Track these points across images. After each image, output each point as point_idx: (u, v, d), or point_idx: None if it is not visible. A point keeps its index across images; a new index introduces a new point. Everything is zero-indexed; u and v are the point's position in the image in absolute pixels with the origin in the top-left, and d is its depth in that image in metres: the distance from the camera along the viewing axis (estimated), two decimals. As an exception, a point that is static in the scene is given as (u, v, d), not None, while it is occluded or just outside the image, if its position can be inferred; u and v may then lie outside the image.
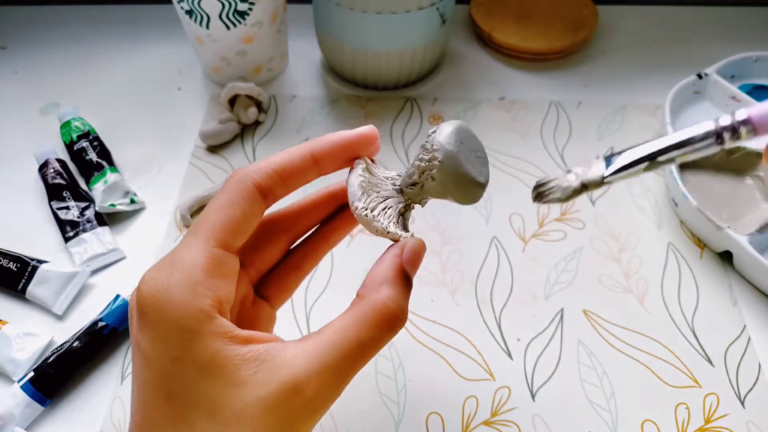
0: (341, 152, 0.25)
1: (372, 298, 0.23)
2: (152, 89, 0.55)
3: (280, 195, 0.25)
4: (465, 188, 0.24)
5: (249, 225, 0.24)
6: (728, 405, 0.35)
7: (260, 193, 0.23)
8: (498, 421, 0.35)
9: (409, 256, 0.24)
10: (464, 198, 0.25)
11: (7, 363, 0.36)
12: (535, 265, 0.41)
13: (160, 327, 0.21)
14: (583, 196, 0.45)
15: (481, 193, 0.25)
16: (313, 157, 0.24)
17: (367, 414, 0.35)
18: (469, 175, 0.24)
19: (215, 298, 0.22)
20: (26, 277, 0.40)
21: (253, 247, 0.27)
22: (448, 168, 0.24)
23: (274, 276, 0.28)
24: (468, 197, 0.25)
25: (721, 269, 0.41)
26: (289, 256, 0.29)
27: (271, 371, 0.21)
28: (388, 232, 0.24)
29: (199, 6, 0.46)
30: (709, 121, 0.22)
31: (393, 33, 0.47)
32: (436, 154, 0.24)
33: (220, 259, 0.22)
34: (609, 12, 0.60)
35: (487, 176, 0.25)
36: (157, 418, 0.21)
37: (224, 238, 0.23)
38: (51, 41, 0.59)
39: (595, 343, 0.38)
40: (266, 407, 0.20)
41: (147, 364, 0.21)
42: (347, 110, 0.52)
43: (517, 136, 0.50)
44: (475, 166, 0.24)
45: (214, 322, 0.21)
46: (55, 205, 0.44)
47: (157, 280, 0.21)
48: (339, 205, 0.29)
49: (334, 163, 0.25)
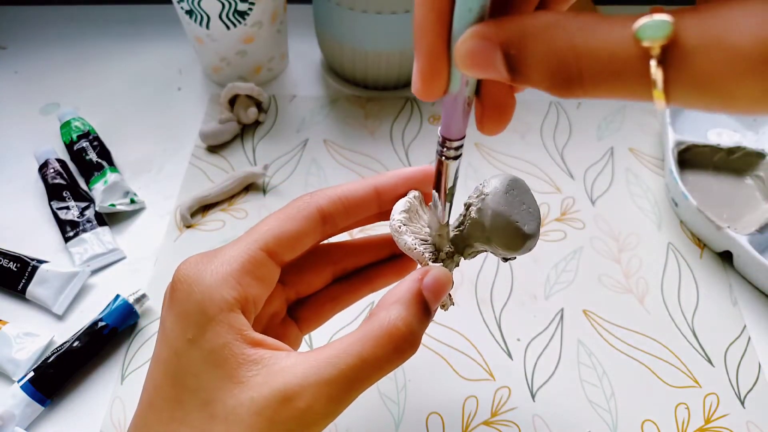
0: (403, 186, 0.26)
1: (381, 317, 0.22)
2: (152, 89, 0.55)
3: (341, 223, 0.25)
4: (505, 232, 0.23)
5: (301, 242, 0.24)
6: (728, 405, 0.35)
7: (320, 216, 0.24)
8: (498, 421, 0.35)
9: (431, 283, 0.22)
10: (505, 244, 0.23)
11: (7, 363, 0.36)
12: (535, 265, 0.41)
13: (184, 306, 0.22)
14: (584, 196, 0.45)
15: (527, 244, 0.23)
16: (376, 189, 0.25)
17: (367, 414, 0.35)
18: (510, 218, 0.23)
19: (242, 293, 0.22)
20: (26, 277, 0.40)
21: (298, 268, 0.28)
22: (490, 205, 0.23)
23: (310, 302, 0.29)
24: (510, 245, 0.23)
25: (721, 269, 0.41)
26: (329, 286, 0.29)
27: (269, 376, 0.21)
28: (415, 249, 0.24)
29: (199, 6, 0.46)
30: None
31: (393, 33, 0.47)
32: (482, 196, 0.23)
33: (261, 262, 0.23)
34: (609, 12, 0.60)
35: (533, 229, 0.24)
36: (159, 401, 0.22)
37: (272, 246, 0.23)
38: (51, 41, 0.59)
39: (595, 343, 0.38)
40: (256, 410, 0.20)
41: (165, 342, 0.22)
42: (347, 110, 0.52)
43: (517, 136, 0.50)
44: (521, 215, 0.23)
45: (232, 315, 0.21)
46: (55, 205, 0.44)
47: (196, 263, 0.22)
48: (391, 253, 0.29)
49: (395, 196, 0.26)
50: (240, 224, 0.44)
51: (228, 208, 0.45)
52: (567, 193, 0.46)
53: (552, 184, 0.46)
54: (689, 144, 0.45)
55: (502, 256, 0.24)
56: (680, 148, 0.44)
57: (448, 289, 0.23)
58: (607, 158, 0.48)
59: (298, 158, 0.48)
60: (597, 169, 0.47)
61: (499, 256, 0.25)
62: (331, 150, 0.49)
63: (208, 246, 0.43)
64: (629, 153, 0.48)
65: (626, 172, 0.47)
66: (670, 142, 0.44)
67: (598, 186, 0.46)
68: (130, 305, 0.38)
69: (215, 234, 0.44)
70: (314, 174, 0.47)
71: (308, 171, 0.48)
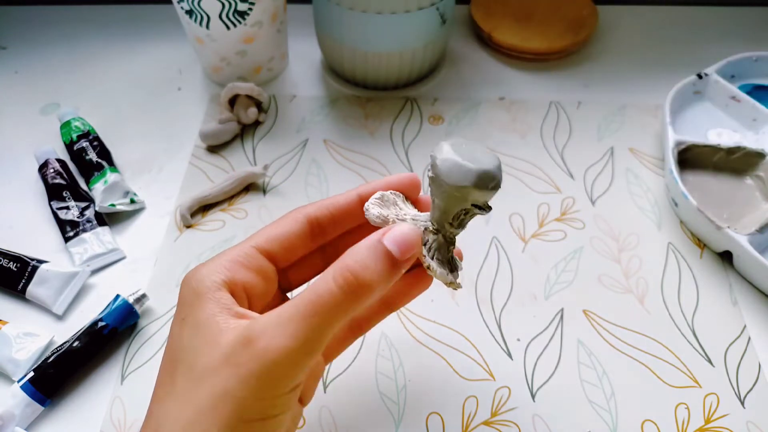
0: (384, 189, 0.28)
1: (339, 261, 0.22)
2: (152, 89, 0.55)
3: (330, 231, 0.28)
4: (453, 170, 0.23)
5: (289, 240, 0.27)
6: (728, 405, 0.35)
7: (307, 220, 0.27)
8: (498, 421, 0.35)
9: (396, 235, 0.23)
10: (458, 181, 0.23)
11: (7, 363, 0.36)
12: (535, 265, 0.41)
13: (182, 294, 0.24)
14: (584, 196, 0.45)
15: (479, 176, 0.23)
16: (359, 196, 0.27)
17: (367, 414, 0.35)
18: (457, 160, 0.23)
19: (231, 277, 0.24)
20: (26, 277, 0.40)
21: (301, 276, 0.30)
22: (438, 157, 0.23)
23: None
24: (462, 180, 0.23)
25: (721, 269, 0.41)
26: None
27: (238, 329, 0.22)
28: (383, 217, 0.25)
29: (199, 6, 0.46)
30: None
31: (393, 33, 0.47)
32: (433, 157, 0.24)
33: (250, 255, 0.26)
34: (609, 12, 0.60)
35: (485, 163, 0.23)
36: (159, 380, 0.24)
37: (262, 243, 0.26)
38: (51, 41, 0.59)
39: (595, 343, 0.38)
40: (224, 359, 0.21)
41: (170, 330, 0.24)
42: (347, 110, 0.52)
43: (517, 136, 0.50)
44: (469, 156, 0.23)
45: (220, 293, 0.24)
46: (55, 205, 0.44)
47: (201, 263, 0.25)
48: None
49: None
50: (240, 224, 0.44)
51: (228, 208, 0.45)
52: (567, 193, 0.46)
53: (552, 184, 0.46)
54: (689, 144, 0.45)
55: (473, 203, 0.24)
56: (680, 148, 0.44)
57: (412, 240, 0.23)
58: (607, 158, 0.48)
59: (298, 158, 0.48)
60: (597, 169, 0.47)
61: (475, 212, 0.25)
62: (331, 150, 0.49)
63: (208, 246, 0.43)
64: (629, 153, 0.48)
65: (626, 172, 0.47)
66: (670, 142, 0.44)
67: (598, 186, 0.46)
68: (130, 305, 0.38)
69: (215, 234, 0.44)
70: (314, 174, 0.47)
71: (308, 171, 0.48)
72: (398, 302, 0.30)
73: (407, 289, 0.29)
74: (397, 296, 0.29)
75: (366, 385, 0.36)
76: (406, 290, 0.29)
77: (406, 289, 0.29)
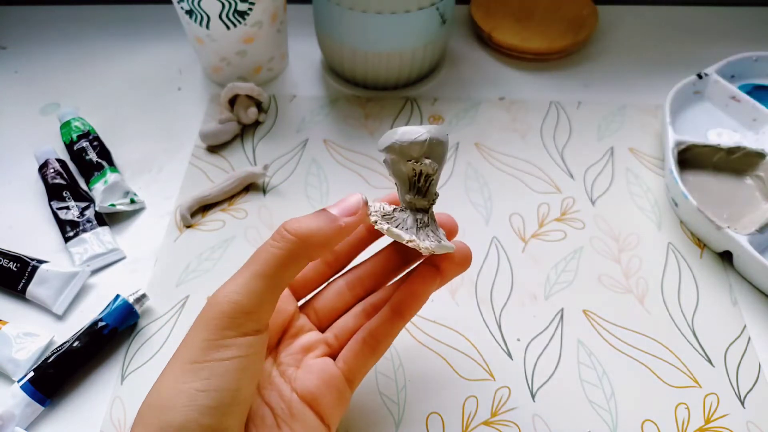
0: None
1: None
2: (152, 89, 0.55)
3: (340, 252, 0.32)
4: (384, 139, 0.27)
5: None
6: (728, 405, 0.35)
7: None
8: (498, 421, 0.35)
9: (339, 202, 0.27)
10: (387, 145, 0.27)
11: (7, 363, 0.36)
12: (535, 265, 0.41)
13: None
14: (584, 196, 0.45)
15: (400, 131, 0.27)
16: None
17: (367, 414, 0.35)
18: (387, 132, 0.27)
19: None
20: (26, 277, 0.40)
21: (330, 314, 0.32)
22: (378, 144, 0.28)
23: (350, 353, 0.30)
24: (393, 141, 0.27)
25: (721, 269, 0.41)
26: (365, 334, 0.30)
27: None
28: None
29: (199, 6, 0.46)
30: None
31: (393, 33, 0.47)
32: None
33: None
34: (609, 12, 0.60)
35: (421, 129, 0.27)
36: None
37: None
38: (51, 41, 0.59)
39: (595, 343, 0.38)
40: (197, 328, 0.24)
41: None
42: (347, 110, 0.52)
43: (517, 136, 0.50)
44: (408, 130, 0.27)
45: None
46: (55, 205, 0.44)
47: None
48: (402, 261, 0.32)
49: None
50: (240, 224, 0.44)
51: (228, 208, 0.45)
52: (567, 193, 0.46)
53: (552, 184, 0.46)
54: (689, 144, 0.45)
55: (408, 160, 0.27)
56: (680, 148, 0.44)
57: (357, 205, 0.27)
58: (607, 158, 0.48)
59: (298, 158, 0.48)
60: (597, 169, 0.47)
61: (418, 168, 0.27)
62: (331, 150, 0.49)
63: (208, 246, 0.43)
64: (629, 153, 0.48)
65: (626, 172, 0.47)
66: (670, 142, 0.44)
67: (598, 186, 0.46)
68: (130, 305, 0.38)
69: (215, 234, 0.44)
70: (314, 174, 0.47)
71: (308, 171, 0.48)
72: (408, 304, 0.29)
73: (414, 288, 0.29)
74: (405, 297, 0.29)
75: (366, 385, 0.36)
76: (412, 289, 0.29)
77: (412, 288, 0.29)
